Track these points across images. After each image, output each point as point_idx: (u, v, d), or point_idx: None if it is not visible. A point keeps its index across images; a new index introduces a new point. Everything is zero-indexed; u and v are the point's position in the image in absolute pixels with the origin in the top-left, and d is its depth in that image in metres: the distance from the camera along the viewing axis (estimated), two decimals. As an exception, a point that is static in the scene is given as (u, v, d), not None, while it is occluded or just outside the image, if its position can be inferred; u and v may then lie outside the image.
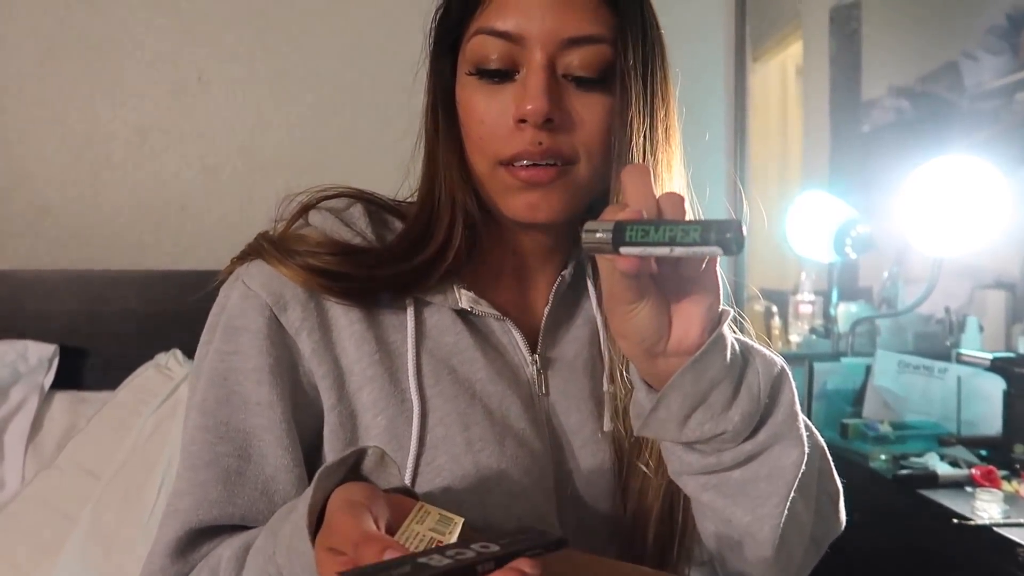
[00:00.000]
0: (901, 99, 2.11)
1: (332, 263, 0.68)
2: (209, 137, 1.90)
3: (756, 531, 0.65)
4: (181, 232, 1.88)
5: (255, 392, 0.66)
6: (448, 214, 0.71)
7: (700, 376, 0.59)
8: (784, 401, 0.64)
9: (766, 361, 0.63)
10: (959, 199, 1.47)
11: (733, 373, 0.60)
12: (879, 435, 1.41)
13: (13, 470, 1.57)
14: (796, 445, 0.63)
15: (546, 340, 0.77)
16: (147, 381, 1.60)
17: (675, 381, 0.59)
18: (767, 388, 0.62)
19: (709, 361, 0.59)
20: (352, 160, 1.88)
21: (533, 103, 0.66)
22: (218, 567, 0.62)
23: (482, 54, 0.69)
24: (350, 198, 0.75)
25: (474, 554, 0.43)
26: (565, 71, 0.68)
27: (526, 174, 0.68)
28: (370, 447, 0.56)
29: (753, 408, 0.61)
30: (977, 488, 1.21)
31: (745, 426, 0.61)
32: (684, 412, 0.60)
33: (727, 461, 0.63)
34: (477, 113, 0.69)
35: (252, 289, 0.69)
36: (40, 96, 1.84)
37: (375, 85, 1.91)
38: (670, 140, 0.72)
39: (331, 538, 0.49)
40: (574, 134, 0.69)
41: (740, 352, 0.62)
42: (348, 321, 0.69)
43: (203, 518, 0.64)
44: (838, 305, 1.87)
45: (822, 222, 1.83)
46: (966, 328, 1.57)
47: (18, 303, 1.73)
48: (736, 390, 0.60)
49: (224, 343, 0.68)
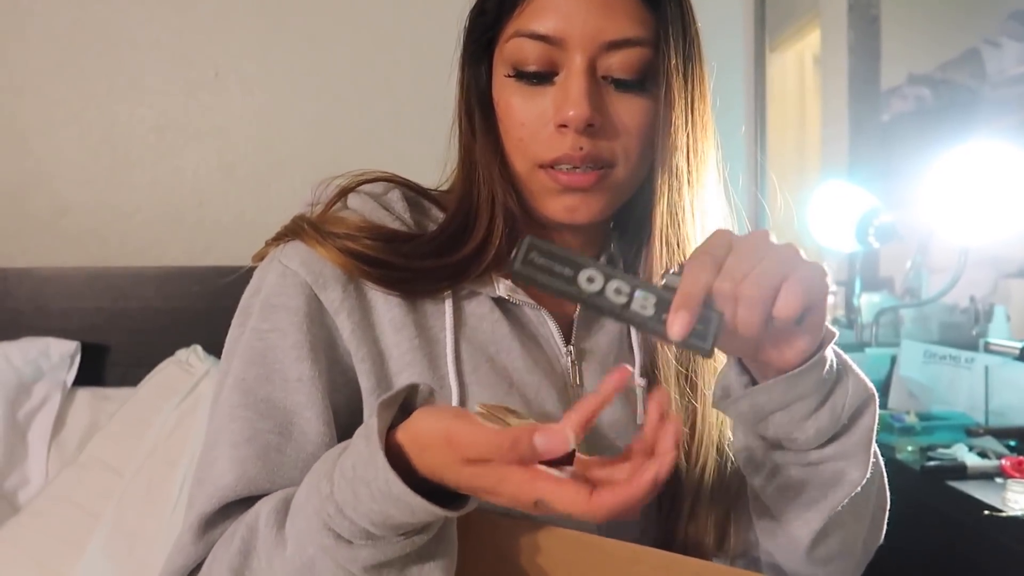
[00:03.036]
0: (921, 87, 2.08)
1: (371, 248, 0.68)
2: (226, 134, 1.90)
3: (795, 528, 0.68)
4: (199, 229, 1.89)
5: (295, 368, 0.66)
6: (488, 212, 0.71)
7: (792, 388, 0.61)
8: (863, 425, 0.65)
9: (858, 384, 0.65)
10: (985, 186, 1.45)
11: (822, 390, 0.62)
12: (905, 426, 1.39)
13: (37, 467, 1.58)
14: (859, 467, 0.65)
15: (580, 332, 0.76)
16: (168, 377, 1.60)
17: (767, 386, 0.62)
18: (850, 410, 0.64)
19: (805, 376, 0.61)
20: (370, 155, 1.87)
21: (575, 109, 0.66)
22: (256, 522, 0.59)
23: (520, 56, 0.69)
24: (388, 182, 0.75)
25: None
26: (605, 73, 0.68)
27: (566, 178, 0.69)
28: (421, 383, 0.56)
29: (831, 425, 0.63)
30: (1008, 479, 1.19)
31: (818, 439, 0.63)
32: (766, 412, 0.63)
33: (789, 460, 0.66)
34: (517, 116, 0.70)
35: (291, 268, 0.68)
36: (58, 95, 1.85)
37: (392, 81, 1.90)
38: (708, 134, 0.73)
39: (458, 450, 0.49)
40: (615, 138, 0.69)
41: (836, 370, 0.64)
42: (387, 306, 0.69)
43: (240, 493, 0.63)
44: (861, 296, 1.85)
45: (843, 212, 1.81)
46: (993, 317, 1.54)
47: (39, 301, 1.74)
48: (820, 404, 0.62)
49: (262, 321, 0.68)
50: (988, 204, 1.46)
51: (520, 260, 0.55)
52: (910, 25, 2.11)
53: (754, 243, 0.57)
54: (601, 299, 0.55)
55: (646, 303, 0.56)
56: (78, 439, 1.60)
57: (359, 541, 0.52)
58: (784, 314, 0.56)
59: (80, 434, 1.61)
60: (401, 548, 0.52)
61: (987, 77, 2.03)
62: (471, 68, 0.74)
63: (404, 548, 0.53)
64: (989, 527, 1.13)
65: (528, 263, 0.55)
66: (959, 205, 1.50)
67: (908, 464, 1.32)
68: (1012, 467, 1.22)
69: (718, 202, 0.75)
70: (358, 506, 0.51)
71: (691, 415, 0.74)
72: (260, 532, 0.58)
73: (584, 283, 0.55)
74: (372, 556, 0.53)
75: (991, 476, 1.24)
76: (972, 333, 1.61)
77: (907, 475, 1.31)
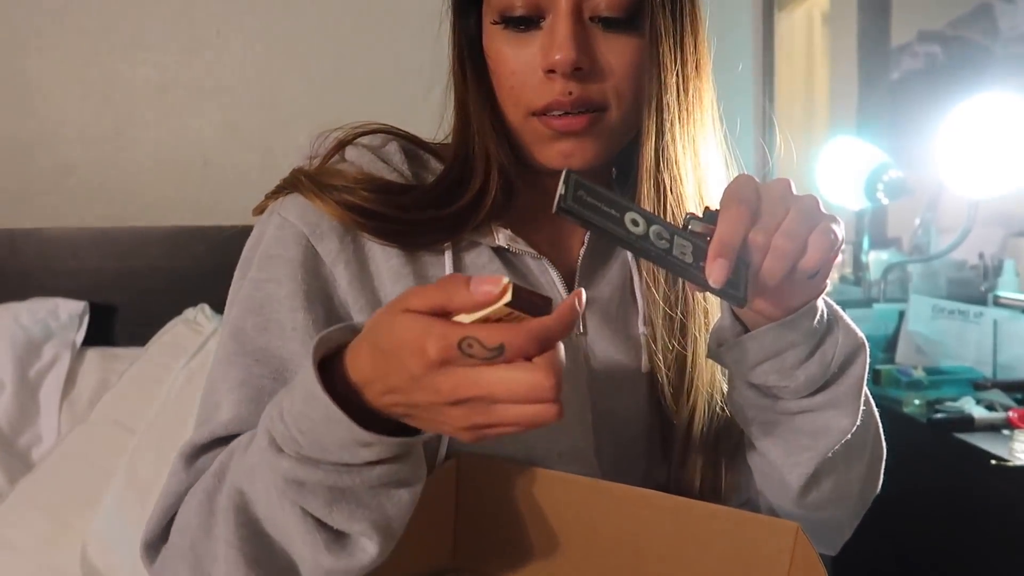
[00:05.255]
0: (932, 44, 2.05)
1: (369, 200, 0.67)
2: (229, 91, 1.88)
3: (786, 473, 0.69)
4: (204, 187, 1.88)
5: (291, 318, 0.66)
6: (483, 163, 0.71)
7: (781, 337, 0.62)
8: (852, 374, 0.66)
9: (848, 334, 0.65)
10: (996, 138, 1.44)
11: (812, 339, 0.63)
12: (912, 380, 1.40)
13: (49, 425, 1.60)
14: (848, 416, 0.66)
15: (582, 280, 0.76)
16: (176, 336, 1.61)
17: (757, 333, 0.63)
18: (840, 359, 0.64)
19: (794, 325, 0.62)
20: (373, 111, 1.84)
21: (561, 53, 0.65)
22: (235, 447, 0.61)
23: (507, 3, 0.67)
24: (386, 135, 0.74)
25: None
26: (592, 13, 0.67)
27: (559, 123, 0.68)
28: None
29: (820, 373, 0.64)
30: (1015, 430, 1.19)
31: (807, 387, 0.64)
32: (756, 360, 0.64)
33: (780, 408, 0.66)
34: (507, 64, 0.69)
35: (289, 220, 0.68)
36: (60, 54, 1.83)
37: (394, 36, 1.88)
38: (701, 73, 0.71)
39: (400, 301, 0.47)
40: (604, 80, 0.68)
41: (827, 319, 0.64)
42: (385, 256, 0.69)
43: (231, 430, 0.64)
44: (869, 252, 1.85)
45: (852, 168, 1.79)
46: (1003, 272, 1.54)
47: (45, 261, 1.74)
48: (811, 354, 0.63)
49: (259, 271, 0.68)
50: (997, 158, 1.45)
51: (570, 196, 0.52)
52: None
53: (780, 192, 0.58)
54: (647, 243, 0.54)
55: (685, 250, 0.55)
56: (88, 398, 1.61)
57: (288, 449, 0.52)
58: (809, 266, 0.57)
59: (90, 393, 1.62)
60: (324, 475, 0.51)
61: (999, 33, 1.99)
62: (460, 18, 0.73)
63: (329, 477, 0.51)
64: (996, 477, 1.14)
65: (578, 199, 0.53)
66: (969, 159, 1.48)
67: (915, 417, 1.32)
68: (1019, 418, 1.22)
69: (713, 145, 0.73)
70: (292, 407, 0.51)
71: (681, 361, 0.74)
72: (235, 454, 0.60)
73: (630, 225, 0.54)
74: (292, 470, 0.52)
75: (998, 428, 1.24)
76: (981, 289, 1.61)
77: (915, 428, 1.32)
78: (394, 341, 0.46)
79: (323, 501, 0.52)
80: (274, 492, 0.54)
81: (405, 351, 0.46)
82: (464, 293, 0.45)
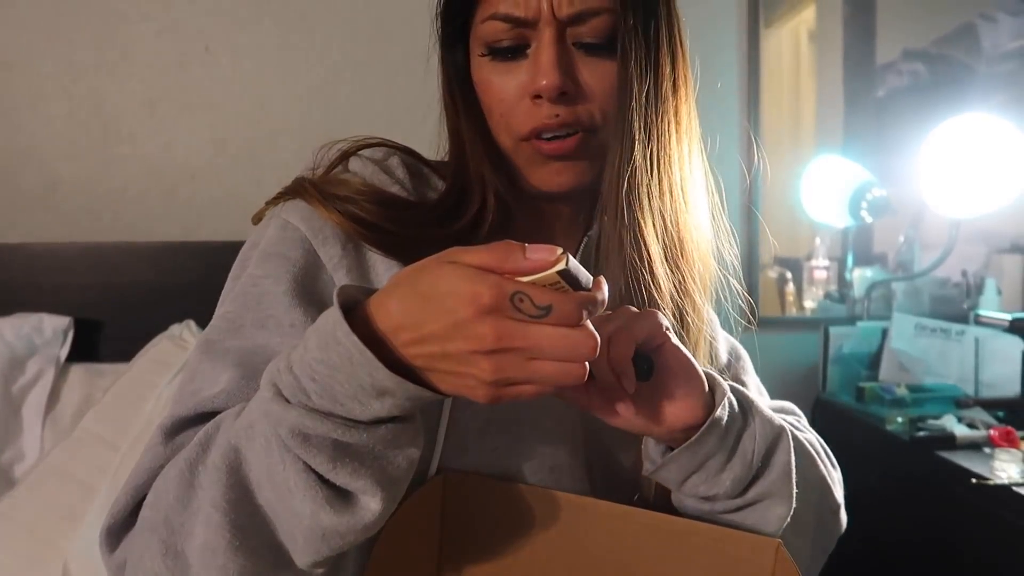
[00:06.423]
0: (916, 63, 2.08)
1: (372, 213, 0.68)
2: (218, 108, 1.88)
3: None
4: (191, 203, 1.88)
5: (288, 315, 0.65)
6: (479, 188, 0.73)
7: (695, 453, 0.65)
8: (778, 462, 0.68)
9: (764, 423, 0.68)
10: (977, 159, 1.45)
11: (728, 443, 0.66)
12: (896, 398, 1.41)
13: (32, 442, 1.58)
14: (783, 503, 0.68)
15: None
16: (162, 352, 1.60)
17: (674, 455, 0.66)
18: (761, 452, 0.67)
19: (704, 441, 0.64)
20: (361, 129, 1.86)
21: (546, 78, 0.68)
22: (222, 419, 0.59)
23: (493, 37, 0.70)
24: (388, 149, 0.76)
25: None
26: (575, 39, 0.70)
27: (550, 147, 0.70)
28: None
29: (745, 472, 0.66)
30: (995, 448, 1.20)
31: (736, 487, 0.67)
32: (683, 476, 0.67)
33: (718, 509, 0.68)
34: (495, 93, 0.71)
35: (291, 223, 0.69)
36: (47, 69, 1.83)
37: (384, 54, 1.89)
38: (679, 92, 0.72)
39: (448, 255, 0.50)
40: (589, 102, 0.70)
41: (741, 414, 0.67)
42: (387, 265, 0.69)
43: (217, 406, 0.62)
44: (853, 270, 1.86)
45: (837, 186, 1.81)
46: (984, 290, 1.56)
47: (31, 276, 1.73)
48: (730, 457, 0.66)
49: (257, 268, 0.68)
50: (982, 176, 1.47)
51: None
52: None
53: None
54: None
55: None
56: (72, 414, 1.60)
57: (295, 400, 0.51)
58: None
59: (74, 409, 1.61)
60: (332, 427, 0.51)
61: (982, 52, 2.01)
62: (448, 51, 0.75)
63: (336, 429, 0.51)
64: (976, 495, 1.14)
65: None
66: (952, 179, 1.50)
67: (898, 435, 1.33)
68: (1000, 437, 1.23)
69: (696, 162, 0.74)
70: (305, 355, 0.51)
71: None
72: (223, 422, 0.58)
73: None
74: (300, 420, 0.51)
75: (979, 446, 1.25)
76: (963, 306, 1.63)
77: (897, 446, 1.33)
78: (442, 287, 0.48)
79: (327, 456, 0.51)
80: (275, 447, 0.52)
81: (453, 297, 0.48)
82: (518, 256, 0.48)
